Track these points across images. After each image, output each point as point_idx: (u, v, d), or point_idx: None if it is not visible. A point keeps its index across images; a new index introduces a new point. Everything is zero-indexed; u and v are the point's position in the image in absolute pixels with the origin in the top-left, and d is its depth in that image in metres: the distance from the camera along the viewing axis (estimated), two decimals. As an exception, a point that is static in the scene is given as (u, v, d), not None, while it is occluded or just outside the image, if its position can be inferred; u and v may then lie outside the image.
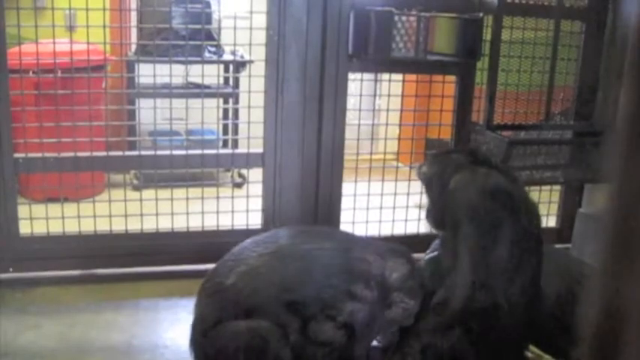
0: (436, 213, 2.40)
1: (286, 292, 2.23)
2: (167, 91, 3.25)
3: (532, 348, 2.51)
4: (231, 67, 4.61)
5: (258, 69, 3.16)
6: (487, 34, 3.11)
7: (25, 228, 2.98)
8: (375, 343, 2.42)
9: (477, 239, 2.20)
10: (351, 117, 3.26)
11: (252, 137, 3.16)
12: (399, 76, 3.37)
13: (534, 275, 2.26)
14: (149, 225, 3.09)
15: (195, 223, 3.12)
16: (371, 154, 3.36)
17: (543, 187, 3.52)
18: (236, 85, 4.49)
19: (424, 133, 3.48)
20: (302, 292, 2.23)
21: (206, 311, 2.28)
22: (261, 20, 3.02)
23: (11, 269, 2.98)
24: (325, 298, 2.23)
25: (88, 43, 3.05)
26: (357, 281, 2.26)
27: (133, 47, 4.26)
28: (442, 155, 2.53)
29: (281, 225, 2.96)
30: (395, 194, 3.25)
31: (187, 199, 3.11)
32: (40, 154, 2.95)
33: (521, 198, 2.30)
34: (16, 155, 2.93)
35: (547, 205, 3.56)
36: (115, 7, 3.72)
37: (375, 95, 3.67)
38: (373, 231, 3.26)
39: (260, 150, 3.15)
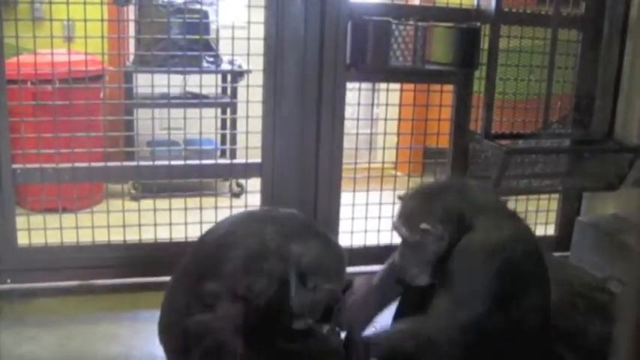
0: (425, 266, 2.24)
1: (200, 280, 2.29)
2: (165, 101, 3.26)
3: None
4: (229, 77, 4.62)
5: (256, 79, 3.16)
6: (485, 43, 3.12)
7: (23, 239, 2.97)
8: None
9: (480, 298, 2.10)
10: (349, 126, 3.26)
11: (250, 147, 3.16)
12: (396, 86, 3.37)
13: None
14: (147, 235, 3.09)
15: (193, 233, 3.11)
16: (369, 163, 3.37)
17: (542, 196, 3.52)
18: (234, 95, 4.49)
19: (422, 142, 3.48)
20: (211, 277, 2.27)
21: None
22: (259, 30, 3.02)
23: (9, 280, 2.97)
24: (226, 276, 2.26)
25: (85, 53, 3.05)
26: (255, 257, 2.26)
27: (131, 57, 4.26)
28: (434, 202, 2.26)
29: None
30: (393, 203, 3.24)
31: (186, 209, 3.11)
32: (38, 165, 2.95)
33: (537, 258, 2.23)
34: (14, 166, 2.93)
35: (545, 214, 3.56)
36: (113, 17, 3.72)
37: (372, 104, 3.67)
38: (372, 240, 3.26)
39: (258, 160, 3.15)
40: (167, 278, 3.08)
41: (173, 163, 3.12)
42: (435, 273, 2.24)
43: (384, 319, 2.42)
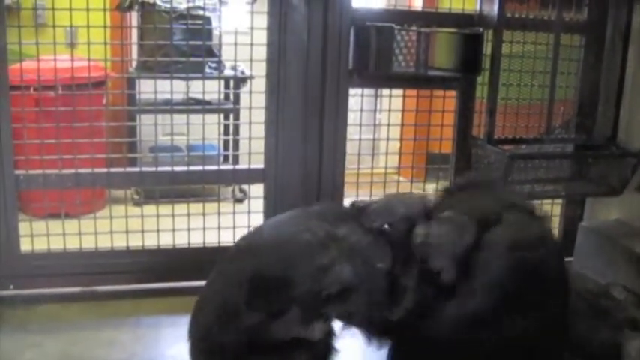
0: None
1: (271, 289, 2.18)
2: (168, 107, 3.26)
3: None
4: (231, 83, 4.62)
5: (259, 85, 3.16)
6: (487, 49, 3.12)
7: (26, 245, 2.97)
8: None
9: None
10: (351, 132, 3.26)
11: (252, 153, 3.16)
12: (399, 91, 3.37)
13: None
14: (150, 241, 3.09)
15: (196, 239, 3.12)
16: (372, 168, 3.36)
17: (545, 201, 3.52)
18: (236, 100, 4.49)
19: (425, 148, 3.48)
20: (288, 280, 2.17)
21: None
22: (261, 36, 3.03)
23: (12, 286, 2.98)
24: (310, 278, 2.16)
25: (88, 59, 3.06)
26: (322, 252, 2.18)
27: (134, 63, 4.26)
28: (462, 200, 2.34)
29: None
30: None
31: (189, 215, 3.11)
32: (41, 171, 2.95)
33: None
34: (17, 172, 2.93)
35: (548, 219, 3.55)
36: (116, 24, 3.72)
37: (375, 110, 3.67)
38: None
39: (261, 166, 3.15)
40: (169, 284, 3.10)
41: (176, 169, 3.12)
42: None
43: None
